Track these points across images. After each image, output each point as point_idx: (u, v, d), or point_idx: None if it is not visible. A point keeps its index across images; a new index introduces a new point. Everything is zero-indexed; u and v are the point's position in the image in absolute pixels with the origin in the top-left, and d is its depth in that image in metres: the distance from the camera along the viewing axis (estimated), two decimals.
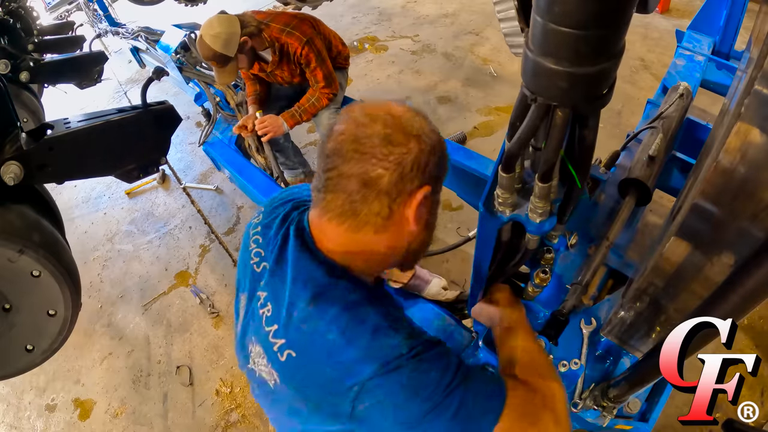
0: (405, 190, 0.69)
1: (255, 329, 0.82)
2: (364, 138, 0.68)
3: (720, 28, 1.78)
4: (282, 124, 2.28)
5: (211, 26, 1.99)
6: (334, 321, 0.69)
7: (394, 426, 0.66)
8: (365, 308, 0.71)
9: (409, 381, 0.65)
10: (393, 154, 0.67)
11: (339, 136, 0.70)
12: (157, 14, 4.61)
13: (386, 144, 0.67)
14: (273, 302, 0.78)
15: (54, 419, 2.24)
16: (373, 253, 0.76)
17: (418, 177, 0.69)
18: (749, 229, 0.53)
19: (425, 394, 0.65)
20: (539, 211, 0.72)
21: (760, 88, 0.48)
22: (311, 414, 0.75)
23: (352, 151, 0.68)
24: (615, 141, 1.77)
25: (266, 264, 0.82)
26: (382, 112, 0.70)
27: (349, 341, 0.67)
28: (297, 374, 0.73)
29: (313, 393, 0.72)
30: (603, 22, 0.46)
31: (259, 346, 0.80)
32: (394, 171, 0.67)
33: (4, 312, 1.20)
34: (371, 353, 0.66)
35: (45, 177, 1.30)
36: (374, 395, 0.66)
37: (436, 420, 0.65)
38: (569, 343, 1.00)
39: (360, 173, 0.68)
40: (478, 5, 4.77)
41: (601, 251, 1.02)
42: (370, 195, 0.69)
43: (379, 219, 0.71)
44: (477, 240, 0.91)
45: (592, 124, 0.63)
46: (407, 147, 0.68)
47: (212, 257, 2.80)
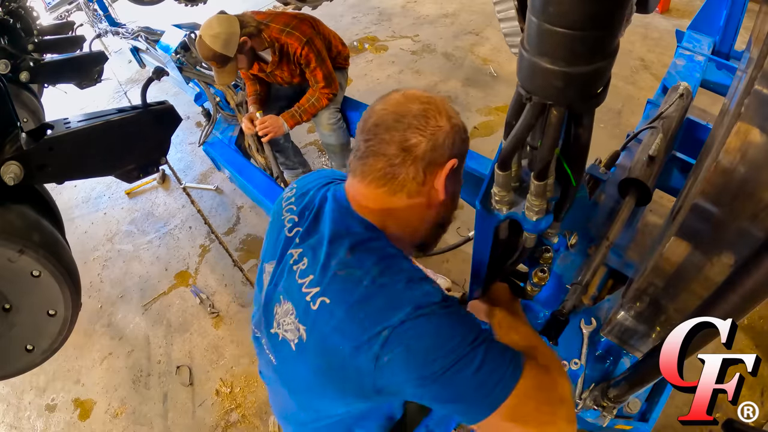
0: (437, 160, 0.79)
1: (285, 287, 0.83)
2: (404, 112, 0.79)
3: (720, 28, 1.78)
4: (282, 125, 2.28)
5: (210, 26, 1.99)
6: (371, 269, 0.73)
7: (414, 379, 0.67)
8: (401, 261, 0.76)
9: (438, 329, 0.68)
10: (429, 126, 0.78)
11: (381, 111, 0.81)
12: (157, 14, 4.60)
13: (423, 118, 0.78)
14: (309, 256, 0.81)
15: (54, 419, 2.24)
16: (407, 220, 0.83)
17: (449, 150, 0.80)
18: (749, 229, 0.53)
19: (450, 346, 0.66)
20: (535, 209, 0.72)
21: (760, 88, 0.48)
22: (329, 379, 0.76)
23: (394, 122, 0.78)
24: (615, 141, 1.77)
25: (300, 228, 0.87)
26: (418, 94, 0.82)
27: (384, 286, 0.71)
28: (328, 324, 0.73)
29: (341, 344, 0.72)
30: (597, 23, 0.47)
31: (288, 303, 0.82)
32: (429, 140, 0.78)
33: (4, 312, 1.20)
34: (404, 298, 0.70)
35: (45, 177, 1.30)
36: (402, 341, 0.67)
37: (456, 375, 0.66)
38: (569, 343, 1.00)
39: (400, 140, 0.77)
40: (478, 5, 4.77)
41: (601, 251, 1.02)
42: (408, 159, 0.78)
43: (414, 184, 0.79)
44: (475, 238, 0.91)
45: (586, 122, 0.63)
46: (440, 123, 0.79)
47: (212, 257, 2.80)
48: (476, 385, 0.66)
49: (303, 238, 0.84)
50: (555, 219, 0.77)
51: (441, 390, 0.67)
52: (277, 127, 2.28)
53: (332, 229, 0.80)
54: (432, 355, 0.66)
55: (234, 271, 2.67)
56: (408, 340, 0.67)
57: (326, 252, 0.77)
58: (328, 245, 0.78)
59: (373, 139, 0.79)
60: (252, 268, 2.67)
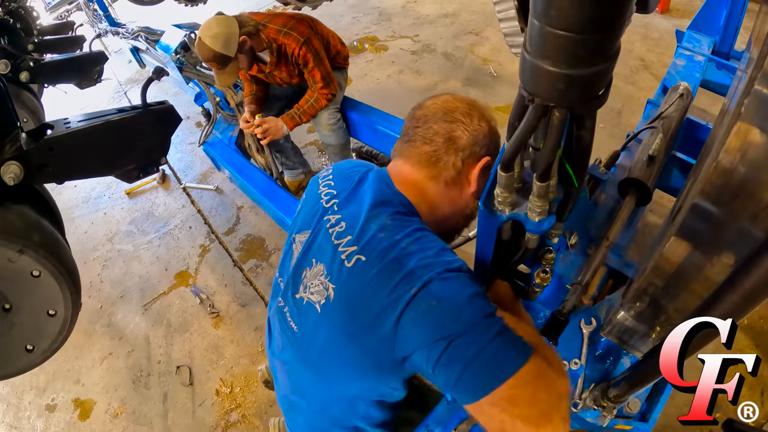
0: (475, 154, 0.90)
1: (319, 250, 0.88)
2: (452, 108, 0.91)
3: (720, 28, 1.78)
4: (282, 127, 2.28)
5: (209, 28, 1.99)
6: (409, 235, 0.79)
7: (429, 340, 0.70)
8: (433, 236, 0.82)
9: (460, 293, 0.71)
10: (472, 124, 0.90)
11: (431, 105, 0.94)
12: (157, 14, 4.60)
13: (468, 116, 0.90)
14: (347, 220, 0.86)
15: (54, 419, 2.24)
16: (440, 205, 0.91)
17: (485, 147, 0.91)
18: (749, 229, 0.53)
19: (469, 312, 0.70)
20: (538, 210, 0.72)
21: (760, 88, 0.48)
22: (349, 342, 0.79)
23: (442, 115, 0.91)
24: (615, 141, 1.77)
25: (337, 199, 0.92)
26: (465, 98, 0.95)
27: (419, 251, 0.76)
28: (361, 280, 0.77)
29: (371, 301, 0.75)
30: (599, 26, 0.47)
31: (320, 264, 0.86)
32: (471, 135, 0.90)
33: (4, 312, 1.19)
34: (436, 262, 0.74)
35: (45, 177, 1.30)
36: (425, 299, 0.71)
37: (469, 343, 0.68)
38: (569, 343, 1.00)
39: (447, 131, 0.89)
40: (478, 5, 4.77)
41: (601, 251, 1.02)
42: (452, 148, 0.89)
43: (453, 171, 0.90)
44: (477, 238, 0.92)
45: (589, 124, 0.63)
46: (480, 123, 0.91)
47: (212, 257, 2.80)
48: (485, 358, 0.67)
49: (341, 206, 0.90)
50: (558, 220, 0.78)
51: (451, 355, 0.68)
52: (277, 129, 2.28)
53: (373, 199, 0.86)
54: (450, 318, 0.69)
55: (234, 271, 2.67)
56: (431, 299, 0.70)
57: (366, 217, 0.83)
58: (368, 211, 0.83)
59: (422, 126, 0.91)
60: (252, 268, 2.67)
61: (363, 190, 0.90)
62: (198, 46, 2.03)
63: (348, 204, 0.89)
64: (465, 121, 0.89)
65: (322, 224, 0.90)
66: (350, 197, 0.90)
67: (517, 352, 0.68)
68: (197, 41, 2.03)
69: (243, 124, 2.37)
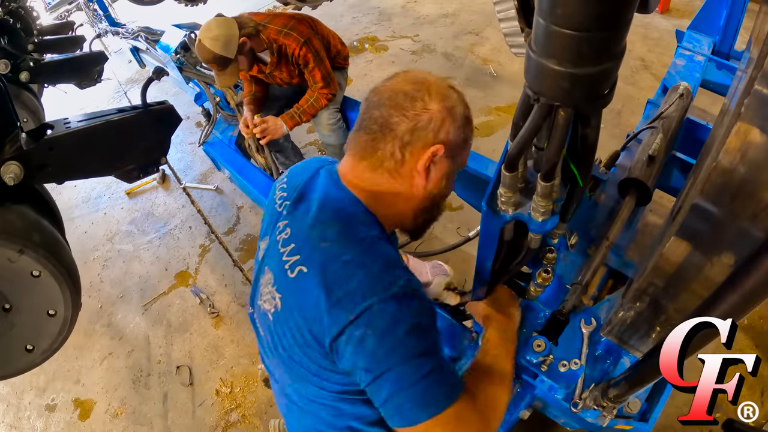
0: (417, 141, 0.79)
1: (269, 257, 0.86)
2: (397, 92, 0.80)
3: (720, 28, 1.78)
4: (281, 126, 2.28)
5: (209, 29, 1.98)
6: (353, 246, 0.75)
7: (365, 365, 0.71)
8: (383, 245, 0.77)
9: (398, 324, 0.69)
10: (414, 108, 0.78)
11: (380, 88, 0.83)
12: (157, 14, 4.60)
13: (410, 100, 0.79)
14: (292, 226, 0.83)
15: (54, 419, 2.23)
16: (392, 202, 0.84)
17: (433, 134, 0.79)
18: (749, 229, 0.53)
19: (402, 350, 0.69)
20: (541, 210, 0.72)
21: (760, 88, 0.48)
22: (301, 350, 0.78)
23: (387, 100, 0.80)
24: (615, 141, 1.77)
25: (288, 201, 0.88)
26: (420, 77, 0.82)
27: (363, 265, 0.72)
28: (301, 293, 0.75)
29: (311, 316, 0.74)
30: (604, 24, 0.47)
31: (270, 273, 0.84)
32: (411, 121, 0.78)
33: (4, 312, 1.19)
34: (379, 281, 0.71)
35: (45, 177, 1.30)
36: (364, 327, 0.69)
37: (397, 380, 0.69)
38: (569, 343, 1.00)
39: (385, 117, 0.79)
40: (478, 5, 4.77)
41: (601, 251, 1.02)
42: (387, 136, 0.79)
43: (392, 162, 0.80)
44: (480, 238, 0.92)
45: (594, 123, 0.63)
46: (428, 106, 0.79)
47: (212, 257, 2.80)
48: (411, 395, 0.69)
49: (290, 209, 0.87)
50: (561, 220, 0.78)
51: (380, 384, 0.70)
52: (276, 129, 2.27)
53: (320, 202, 0.82)
54: (383, 351, 0.69)
55: (234, 271, 2.67)
56: (367, 328, 0.69)
57: (311, 222, 0.79)
58: (313, 216, 0.80)
59: (364, 114, 0.83)
60: (252, 268, 2.66)
61: (312, 191, 0.86)
62: (198, 48, 2.03)
63: (295, 208, 0.86)
64: (405, 105, 0.78)
65: (274, 232, 0.87)
66: (298, 200, 0.87)
67: (441, 396, 0.70)
68: (197, 43, 2.03)
69: (243, 129, 2.37)
